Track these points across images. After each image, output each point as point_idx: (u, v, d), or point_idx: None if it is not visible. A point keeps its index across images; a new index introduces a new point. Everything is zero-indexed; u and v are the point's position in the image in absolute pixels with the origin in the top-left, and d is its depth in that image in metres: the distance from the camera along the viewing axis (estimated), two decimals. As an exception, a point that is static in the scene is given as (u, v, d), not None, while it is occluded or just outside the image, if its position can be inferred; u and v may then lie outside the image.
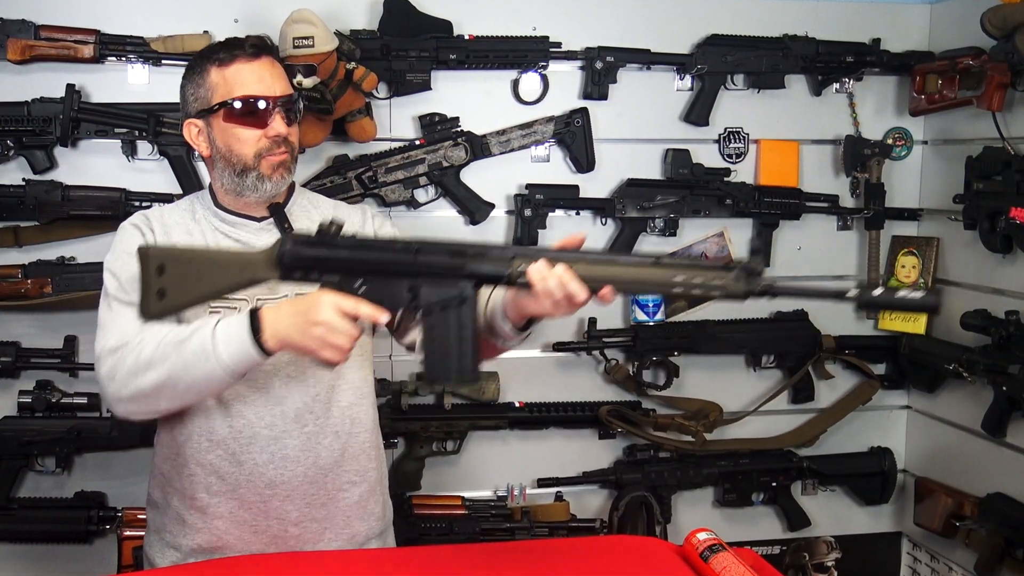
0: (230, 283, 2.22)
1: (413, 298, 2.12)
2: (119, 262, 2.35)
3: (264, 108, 2.36)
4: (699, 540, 2.20)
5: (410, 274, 2.11)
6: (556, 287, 2.01)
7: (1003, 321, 3.52)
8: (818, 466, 4.08)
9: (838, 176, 4.01)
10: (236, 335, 2.14)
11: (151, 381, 2.17)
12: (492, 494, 3.88)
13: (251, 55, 2.38)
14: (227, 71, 2.37)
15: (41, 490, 3.55)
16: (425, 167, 3.59)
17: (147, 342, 2.19)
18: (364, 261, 2.14)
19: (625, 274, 2.02)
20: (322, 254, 2.15)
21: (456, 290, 2.09)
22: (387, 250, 2.14)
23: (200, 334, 2.16)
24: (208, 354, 2.14)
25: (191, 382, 2.17)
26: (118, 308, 2.30)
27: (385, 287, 2.13)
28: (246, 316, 2.15)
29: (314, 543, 2.48)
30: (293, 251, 2.15)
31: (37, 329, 3.50)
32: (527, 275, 2.03)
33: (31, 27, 3.29)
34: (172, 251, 2.28)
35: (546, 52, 3.64)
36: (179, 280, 2.20)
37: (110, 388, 2.23)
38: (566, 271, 2.01)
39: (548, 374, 3.89)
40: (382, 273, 2.13)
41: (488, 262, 2.08)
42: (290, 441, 2.42)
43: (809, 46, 3.83)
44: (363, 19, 3.56)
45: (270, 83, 2.38)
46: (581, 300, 2.02)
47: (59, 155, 3.42)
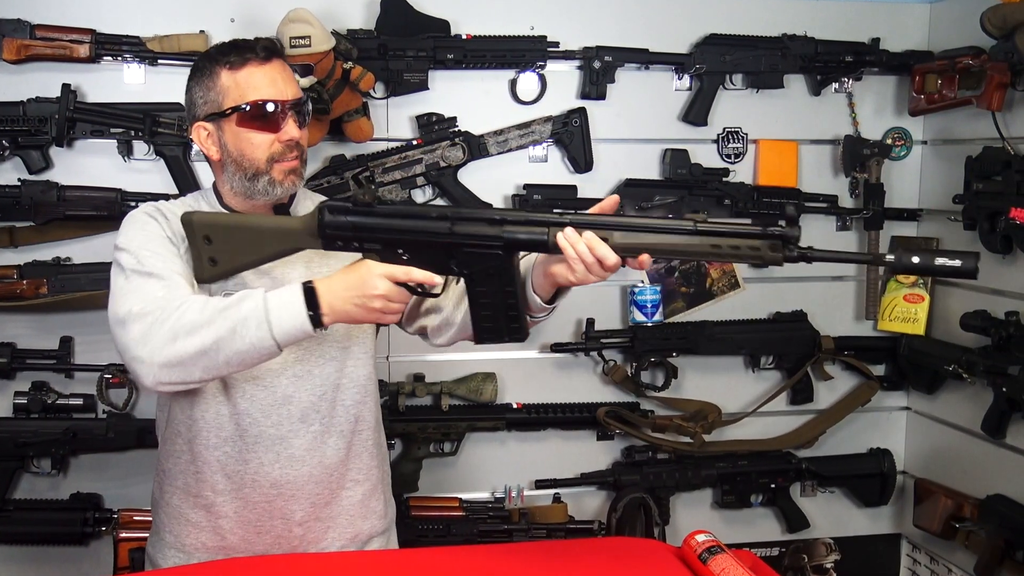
0: (274, 251, 2.30)
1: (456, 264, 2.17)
2: (134, 241, 2.29)
3: (277, 112, 2.33)
4: (697, 542, 2.20)
5: (448, 244, 2.15)
6: (585, 252, 2.04)
7: (1003, 322, 3.51)
8: (817, 467, 4.07)
9: (837, 176, 4.00)
10: (290, 306, 2.12)
11: (194, 346, 2.10)
12: (490, 495, 3.87)
13: (263, 58, 2.35)
14: (239, 75, 2.34)
15: (37, 492, 3.54)
16: (422, 167, 3.58)
17: (188, 307, 2.13)
18: (403, 230, 2.17)
19: (662, 241, 2.04)
20: (363, 222, 2.19)
21: (496, 259, 2.14)
22: (424, 218, 2.17)
23: (250, 302, 2.12)
24: (261, 322, 2.10)
25: (236, 350, 2.12)
26: (137, 280, 2.22)
27: (427, 255, 2.17)
28: (299, 289, 2.14)
29: (318, 543, 2.48)
30: (333, 221, 2.20)
31: (33, 330, 3.49)
32: (556, 242, 2.06)
33: (27, 26, 3.28)
34: (216, 220, 2.33)
35: (544, 52, 3.63)
36: (227, 248, 2.28)
37: (142, 353, 2.12)
38: (594, 235, 2.04)
39: (546, 375, 3.88)
40: (421, 244, 2.17)
41: (525, 230, 2.11)
42: (296, 441, 2.41)
43: (808, 46, 3.82)
44: (360, 18, 3.55)
45: (282, 87, 2.35)
46: (611, 264, 2.05)
47: (55, 155, 3.41)
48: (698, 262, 3.87)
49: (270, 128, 2.34)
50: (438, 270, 2.18)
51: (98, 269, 3.39)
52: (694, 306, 3.93)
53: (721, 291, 3.93)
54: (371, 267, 2.14)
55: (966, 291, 3.80)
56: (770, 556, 4.11)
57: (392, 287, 2.13)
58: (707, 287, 3.92)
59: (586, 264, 2.06)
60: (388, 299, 2.14)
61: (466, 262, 2.16)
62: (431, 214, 2.16)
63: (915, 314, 3.96)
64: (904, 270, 1.95)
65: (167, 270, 2.24)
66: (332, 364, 2.44)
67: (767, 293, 3.99)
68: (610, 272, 2.08)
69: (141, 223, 2.35)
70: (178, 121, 3.37)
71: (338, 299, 2.14)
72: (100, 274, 3.36)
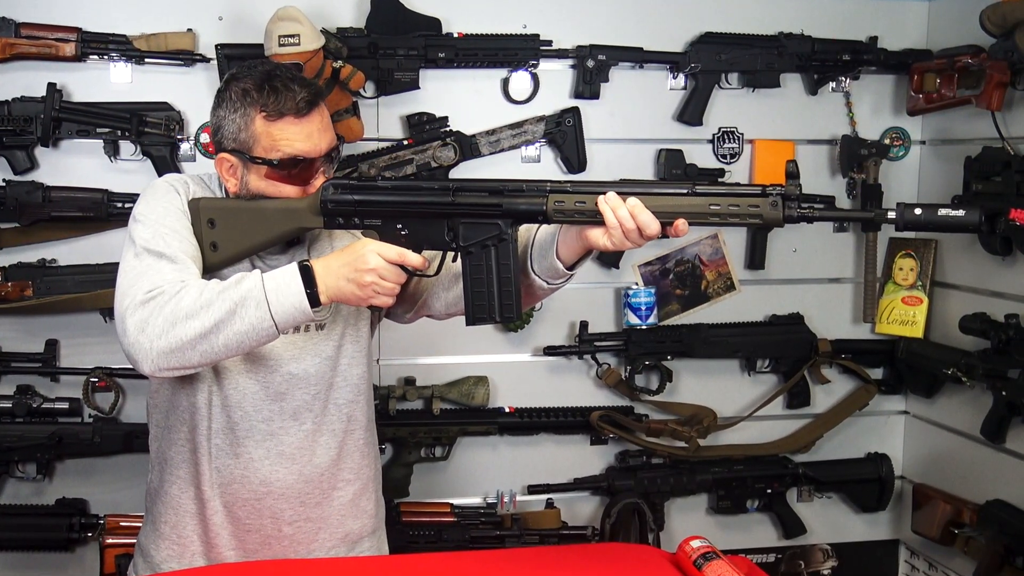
0: (278, 232, 2.30)
1: (453, 238, 2.20)
2: (154, 213, 2.27)
3: (313, 168, 2.30)
4: (692, 548, 2.21)
5: (449, 215, 2.18)
6: (626, 217, 2.05)
7: (1002, 325, 3.49)
8: (814, 472, 4.05)
9: (834, 177, 3.98)
10: (288, 284, 2.12)
11: (193, 330, 2.09)
12: (482, 501, 3.85)
13: (304, 112, 2.27)
14: (274, 127, 2.25)
15: (21, 497, 3.52)
16: (413, 167, 3.56)
17: (186, 291, 2.12)
18: (404, 203, 2.20)
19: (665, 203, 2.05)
20: (363, 198, 2.21)
21: (495, 229, 2.17)
22: (426, 191, 2.20)
23: (248, 283, 2.12)
24: (259, 302, 2.10)
25: (235, 331, 2.10)
26: (147, 260, 2.20)
27: (425, 228, 2.20)
28: (296, 269, 2.13)
29: (308, 543, 2.46)
30: (336, 197, 2.22)
31: (18, 333, 3.48)
32: (597, 207, 2.07)
33: (11, 25, 3.28)
34: (221, 204, 2.33)
35: (536, 50, 3.61)
36: (230, 232, 2.29)
37: (141, 339, 2.10)
38: (638, 202, 2.05)
39: (539, 378, 3.86)
40: (421, 215, 2.19)
41: (525, 199, 2.13)
42: (287, 438, 2.39)
43: (805, 44, 3.80)
44: (350, 17, 3.54)
45: (317, 140, 2.28)
46: (653, 231, 2.06)
47: (40, 155, 3.40)
48: (693, 264, 3.85)
49: (299, 182, 2.30)
50: (435, 244, 2.21)
51: (84, 271, 3.39)
52: (689, 308, 3.91)
53: (716, 293, 3.91)
54: (365, 243, 2.16)
55: (965, 293, 3.79)
56: (766, 562, 4.09)
57: (384, 264, 2.13)
58: (702, 289, 3.90)
59: (625, 231, 2.07)
60: (380, 275, 2.13)
61: (465, 235, 2.18)
62: (433, 187, 2.20)
63: (913, 317, 3.95)
64: (907, 226, 1.95)
65: (178, 251, 2.23)
66: (326, 363, 2.42)
67: (763, 295, 3.97)
68: (649, 240, 2.09)
69: (163, 192, 2.34)
70: (165, 121, 3.36)
71: (332, 275, 2.14)
72: (86, 276, 3.38)
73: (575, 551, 2.57)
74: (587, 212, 2.09)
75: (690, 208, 2.05)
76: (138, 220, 2.27)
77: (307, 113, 2.27)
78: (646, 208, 2.05)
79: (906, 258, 3.97)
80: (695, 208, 2.04)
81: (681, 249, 3.87)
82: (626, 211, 2.05)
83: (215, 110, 2.33)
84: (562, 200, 2.10)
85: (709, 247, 3.88)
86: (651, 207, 2.05)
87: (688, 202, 2.04)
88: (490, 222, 2.16)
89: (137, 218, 2.28)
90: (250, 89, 2.27)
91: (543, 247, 2.26)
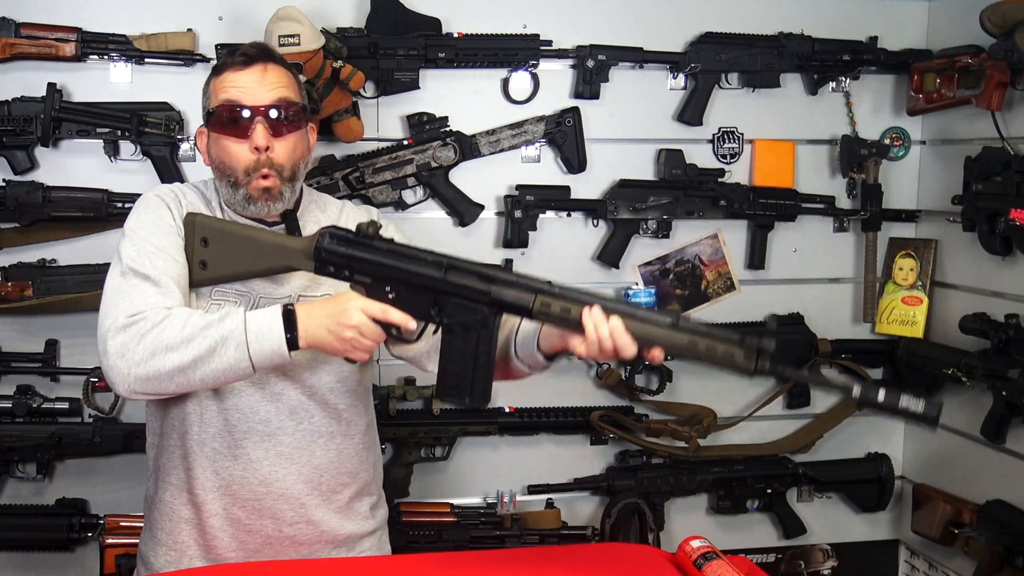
0: (268, 266, 2.32)
1: (438, 313, 2.19)
2: (143, 229, 2.31)
3: (244, 117, 2.31)
4: (692, 548, 2.21)
5: (437, 291, 2.17)
6: (606, 336, 2.06)
7: (1003, 325, 3.49)
8: (814, 472, 4.05)
9: (834, 177, 3.97)
10: (269, 329, 2.15)
11: (172, 363, 2.12)
12: (482, 501, 3.84)
13: (241, 63, 2.35)
14: (218, 80, 2.36)
15: (21, 497, 3.51)
16: (413, 168, 3.55)
17: (169, 322, 2.14)
18: (395, 268, 2.19)
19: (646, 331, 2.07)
20: (357, 254, 2.21)
21: (480, 314, 2.16)
22: (419, 261, 2.18)
23: (230, 322, 2.15)
24: (239, 343, 2.13)
25: (212, 369, 2.14)
26: (132, 281, 2.23)
27: (412, 297, 2.18)
28: (279, 313, 2.16)
29: (309, 545, 2.46)
30: (331, 247, 2.22)
31: (18, 333, 3.47)
32: (580, 320, 2.07)
33: (11, 25, 3.27)
34: (217, 224, 2.34)
35: (536, 50, 3.61)
36: (221, 254, 2.31)
37: (119, 364, 2.14)
38: (620, 323, 2.06)
39: (539, 378, 3.72)
40: (410, 284, 2.18)
41: (513, 292, 2.13)
42: (285, 438, 2.40)
43: (805, 44, 3.80)
44: (350, 16, 3.53)
45: (255, 91, 2.32)
46: (628, 355, 2.08)
47: (40, 155, 3.39)
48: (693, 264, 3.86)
49: (238, 134, 2.32)
50: (420, 315, 2.19)
51: (84, 271, 3.39)
52: (689, 308, 3.90)
53: (716, 293, 3.91)
54: (351, 298, 2.17)
55: (965, 294, 3.79)
56: (766, 562, 4.09)
57: (367, 322, 2.15)
58: (702, 289, 3.90)
59: (602, 347, 2.08)
60: (361, 332, 2.15)
61: (449, 312, 2.18)
62: (427, 258, 2.18)
63: (914, 317, 3.94)
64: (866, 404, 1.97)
65: (163, 274, 2.24)
66: (323, 366, 2.43)
67: (763, 295, 3.96)
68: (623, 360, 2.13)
69: (154, 207, 2.36)
70: (165, 121, 3.36)
71: (314, 323, 2.16)
72: (86, 276, 3.37)
73: (575, 551, 2.56)
74: (570, 321, 2.09)
75: (668, 341, 2.06)
76: (127, 236, 2.31)
77: (247, 65, 2.34)
78: (626, 331, 2.06)
79: (906, 258, 3.97)
80: (673, 341, 2.05)
81: (681, 249, 3.87)
82: (607, 330, 2.06)
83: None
84: (548, 303, 2.11)
85: (709, 247, 3.88)
86: (632, 330, 2.06)
87: (668, 335, 2.06)
88: (476, 306, 2.15)
89: (126, 233, 2.32)
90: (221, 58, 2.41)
91: (526, 336, 2.32)
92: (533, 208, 3.66)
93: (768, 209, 3.83)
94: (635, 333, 2.06)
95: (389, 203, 3.57)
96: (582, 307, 2.08)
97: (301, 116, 2.39)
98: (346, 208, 2.61)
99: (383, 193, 3.54)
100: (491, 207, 3.70)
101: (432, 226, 3.66)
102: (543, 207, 3.69)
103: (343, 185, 3.49)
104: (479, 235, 3.70)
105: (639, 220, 3.75)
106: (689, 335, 2.05)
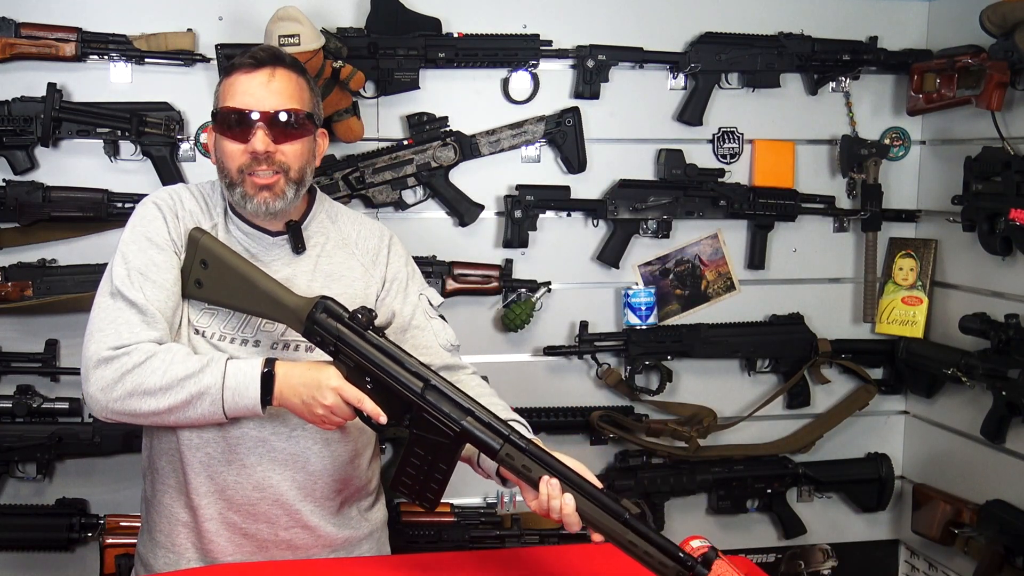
0: (259, 311, 2.33)
1: (409, 421, 2.20)
2: (134, 245, 2.32)
3: (247, 121, 2.31)
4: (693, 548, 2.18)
5: (412, 403, 2.18)
6: (556, 508, 2.11)
7: (1002, 325, 3.48)
8: (814, 472, 4.04)
9: (834, 177, 3.97)
10: (246, 388, 2.20)
11: (148, 407, 2.20)
12: (482, 501, 3.83)
13: (250, 66, 2.34)
14: (227, 82, 2.37)
15: (21, 497, 3.51)
16: (413, 168, 3.55)
17: (150, 366, 2.19)
18: (378, 367, 2.19)
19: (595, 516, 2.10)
20: (346, 338, 2.21)
21: (448, 438, 2.18)
22: (403, 370, 2.19)
23: (208, 377, 2.20)
24: (215, 400, 2.20)
25: (186, 417, 2.22)
26: (119, 304, 2.25)
27: (388, 399, 2.20)
28: (258, 373, 2.21)
29: (306, 549, 2.46)
30: (323, 322, 2.23)
31: (18, 333, 3.47)
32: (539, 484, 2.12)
33: (11, 25, 3.27)
34: (219, 251, 2.34)
35: (536, 50, 3.60)
36: (217, 282, 2.32)
37: (99, 397, 2.21)
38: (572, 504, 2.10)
39: (539, 378, 3.85)
40: (389, 387, 2.19)
41: (484, 433, 2.15)
42: (279, 444, 2.39)
43: (805, 44, 3.80)
44: (350, 16, 3.53)
45: (260, 96, 2.31)
46: (571, 529, 2.12)
47: (40, 155, 3.39)
48: (693, 264, 3.84)
49: (239, 137, 2.32)
50: (392, 414, 2.21)
51: (84, 271, 3.38)
52: (689, 308, 3.91)
53: (716, 293, 3.90)
54: (330, 378, 2.19)
55: (965, 294, 3.78)
56: (766, 562, 4.08)
57: (340, 404, 2.18)
58: (702, 289, 3.90)
59: (549, 512, 2.12)
60: (332, 412, 2.19)
61: (419, 423, 2.19)
62: (411, 368, 2.20)
63: (913, 317, 3.94)
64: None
65: (150, 303, 2.26)
66: None
67: (763, 295, 3.97)
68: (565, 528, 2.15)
69: (150, 219, 2.36)
70: (165, 121, 3.35)
71: (290, 390, 2.21)
72: (86, 276, 3.36)
73: (575, 551, 2.55)
74: (529, 479, 2.13)
75: (612, 531, 2.08)
76: (120, 252, 2.32)
77: (255, 68, 2.34)
78: (574, 512, 2.09)
79: (906, 258, 3.97)
80: (616, 534, 2.08)
81: (681, 249, 3.86)
82: (558, 503, 2.09)
83: None
84: (512, 456, 2.14)
85: (709, 247, 3.88)
86: (581, 510, 2.10)
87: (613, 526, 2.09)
88: (445, 430, 2.17)
89: (120, 249, 2.33)
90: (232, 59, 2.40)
91: None
92: (533, 208, 3.66)
93: (768, 209, 3.82)
94: (584, 512, 2.10)
95: (389, 203, 3.57)
96: (543, 473, 2.12)
97: (306, 123, 2.38)
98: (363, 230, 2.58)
99: (383, 193, 3.53)
100: (491, 207, 3.70)
101: (432, 226, 3.66)
102: (543, 207, 3.68)
103: (343, 185, 3.49)
104: (479, 235, 3.69)
105: (639, 220, 3.75)
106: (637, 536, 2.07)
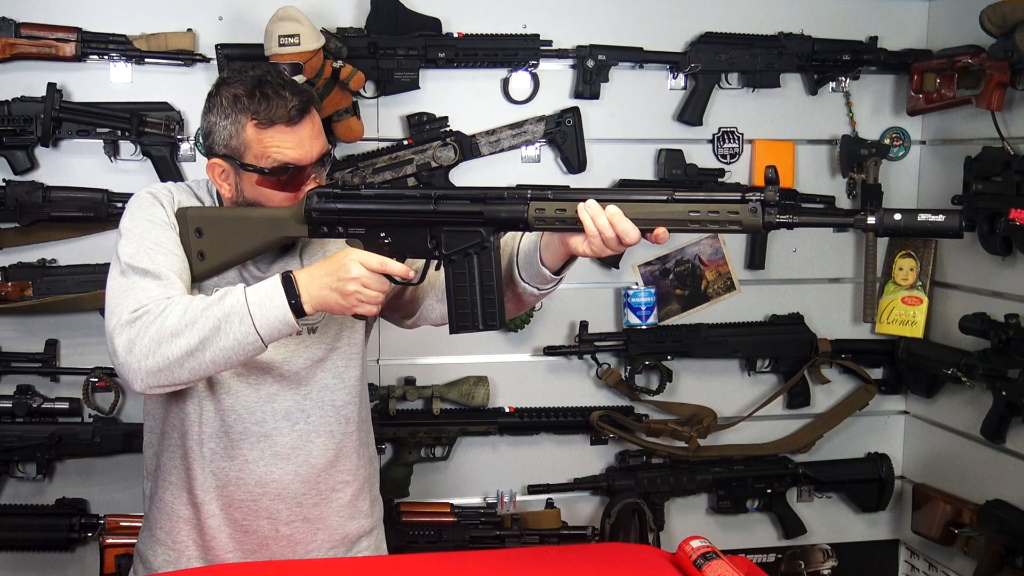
0: (264, 241, 2.29)
1: (436, 246, 2.19)
2: (138, 227, 2.28)
3: (303, 176, 2.29)
4: (692, 548, 2.20)
5: (430, 223, 2.18)
6: (605, 226, 2.05)
7: (1003, 325, 3.48)
8: (814, 472, 4.04)
9: (834, 177, 3.97)
10: (271, 297, 2.12)
11: (180, 349, 2.10)
12: (482, 501, 3.84)
13: (295, 119, 2.26)
14: (265, 135, 2.25)
15: (21, 497, 3.51)
16: (413, 168, 3.55)
17: (171, 310, 2.12)
18: (385, 212, 2.19)
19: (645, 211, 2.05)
20: (347, 206, 2.20)
21: (477, 237, 2.16)
22: (407, 200, 2.19)
23: (231, 298, 2.12)
24: (243, 317, 2.10)
25: (221, 347, 2.11)
26: (132, 277, 2.21)
27: (408, 237, 2.19)
28: (278, 281, 2.14)
29: (306, 544, 2.46)
30: (320, 206, 2.21)
31: (18, 333, 3.47)
32: (577, 214, 2.07)
33: (11, 25, 3.27)
34: (208, 212, 2.33)
35: (536, 50, 3.61)
36: (216, 241, 2.29)
37: (129, 360, 2.12)
38: (618, 210, 2.05)
39: (539, 378, 3.85)
40: (403, 224, 2.19)
41: (506, 206, 2.13)
42: (280, 438, 2.39)
43: (805, 44, 3.80)
44: (350, 17, 3.53)
45: (308, 148, 2.28)
46: (632, 239, 2.06)
47: (40, 155, 3.39)
48: (693, 264, 3.85)
49: (290, 189, 2.29)
50: (418, 253, 2.20)
51: (84, 271, 3.39)
52: (689, 308, 3.90)
53: (716, 293, 3.90)
54: (348, 252, 2.15)
55: (965, 293, 3.78)
56: (766, 562, 4.08)
57: (367, 273, 2.13)
58: (702, 289, 3.90)
59: (604, 239, 2.07)
60: (363, 284, 2.13)
61: (447, 242, 2.18)
62: (416, 195, 2.19)
63: (913, 317, 3.94)
64: (887, 231, 1.94)
65: (163, 266, 2.22)
66: (318, 365, 2.42)
67: (763, 295, 3.97)
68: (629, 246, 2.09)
69: (147, 205, 2.33)
70: (165, 121, 3.36)
71: (315, 284, 2.14)
72: (86, 276, 3.37)
73: (575, 551, 2.56)
74: (568, 220, 2.08)
75: (669, 215, 2.04)
76: (123, 235, 2.28)
77: (298, 121, 2.26)
78: (625, 216, 2.05)
79: (906, 258, 3.97)
80: (674, 215, 2.04)
81: (681, 249, 3.86)
82: (605, 219, 2.05)
83: (205, 115, 2.32)
84: (543, 208, 2.09)
85: (709, 247, 3.88)
86: (630, 215, 2.05)
87: (668, 209, 2.04)
88: (472, 230, 2.15)
89: (122, 232, 2.29)
90: (241, 95, 2.26)
91: (528, 254, 2.27)
92: (533, 208, 3.65)
93: (768, 209, 3.81)
94: (634, 216, 2.05)
95: (389, 203, 3.57)
96: (576, 204, 2.07)
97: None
98: None
99: (383, 193, 3.54)
100: (491, 205, 3.69)
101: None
102: (543, 207, 3.67)
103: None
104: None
105: (639, 220, 3.74)
106: (687, 204, 2.04)
